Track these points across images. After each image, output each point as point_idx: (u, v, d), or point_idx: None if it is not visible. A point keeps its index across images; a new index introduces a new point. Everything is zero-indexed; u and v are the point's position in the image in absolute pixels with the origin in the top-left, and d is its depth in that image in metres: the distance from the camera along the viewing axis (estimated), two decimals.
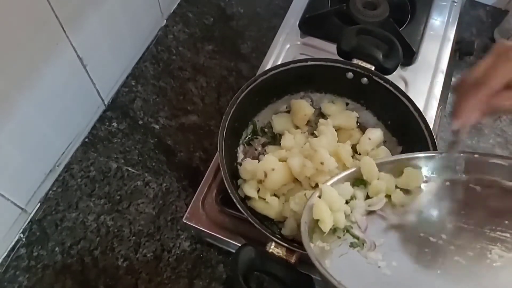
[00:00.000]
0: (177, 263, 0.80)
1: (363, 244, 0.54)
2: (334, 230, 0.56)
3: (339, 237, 0.56)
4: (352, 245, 0.55)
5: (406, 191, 0.59)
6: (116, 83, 0.97)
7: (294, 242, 0.62)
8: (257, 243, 0.66)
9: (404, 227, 0.56)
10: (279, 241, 0.60)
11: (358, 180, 0.61)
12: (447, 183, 0.57)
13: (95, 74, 0.88)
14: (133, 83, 1.00)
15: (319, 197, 0.57)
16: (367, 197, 0.60)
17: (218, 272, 0.79)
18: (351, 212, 0.58)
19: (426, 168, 0.59)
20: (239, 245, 0.71)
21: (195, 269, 0.79)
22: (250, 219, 0.62)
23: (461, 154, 0.56)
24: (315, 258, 0.49)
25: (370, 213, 0.59)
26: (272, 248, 0.60)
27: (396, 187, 0.60)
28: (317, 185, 0.68)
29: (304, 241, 0.52)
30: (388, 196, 0.59)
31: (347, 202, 0.59)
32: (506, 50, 0.49)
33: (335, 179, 0.60)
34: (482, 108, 0.49)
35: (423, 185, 0.58)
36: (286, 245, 0.60)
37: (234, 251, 0.76)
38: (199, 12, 1.11)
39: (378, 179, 0.60)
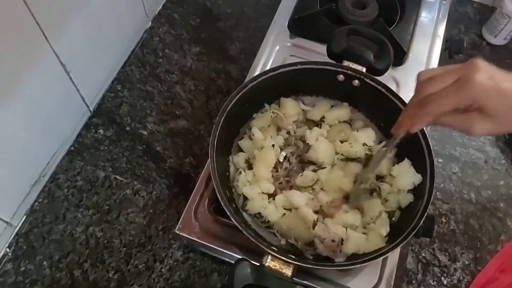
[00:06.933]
0: (170, 274, 0.78)
1: None
2: None
3: None
4: None
5: None
6: (101, 89, 0.95)
7: (291, 254, 0.61)
8: (252, 253, 0.65)
9: None
10: (275, 254, 0.59)
11: None
12: None
13: (79, 80, 0.85)
14: (119, 88, 0.97)
15: None
16: None
17: (212, 281, 0.78)
18: None
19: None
20: (234, 255, 0.70)
21: (189, 279, 0.78)
22: (244, 232, 0.60)
23: None
24: None
25: None
26: (269, 261, 0.59)
27: None
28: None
29: None
30: None
31: None
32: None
33: None
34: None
35: None
36: (283, 258, 0.59)
37: (229, 260, 0.75)
38: (185, 12, 1.08)
39: None
